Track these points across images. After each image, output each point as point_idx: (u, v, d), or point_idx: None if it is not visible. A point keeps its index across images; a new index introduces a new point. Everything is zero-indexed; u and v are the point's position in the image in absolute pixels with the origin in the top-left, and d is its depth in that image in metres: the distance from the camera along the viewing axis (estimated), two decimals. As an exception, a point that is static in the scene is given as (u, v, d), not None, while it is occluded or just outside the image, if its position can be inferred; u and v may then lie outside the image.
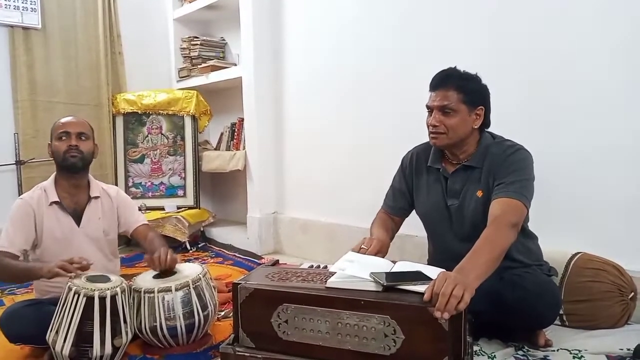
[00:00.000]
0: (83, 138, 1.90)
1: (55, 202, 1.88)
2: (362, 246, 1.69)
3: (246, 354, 1.49)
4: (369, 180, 2.82)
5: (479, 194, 1.69)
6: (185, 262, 1.91)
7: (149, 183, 3.73)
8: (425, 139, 1.79)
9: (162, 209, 3.59)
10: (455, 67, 1.73)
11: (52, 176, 1.95)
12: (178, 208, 3.64)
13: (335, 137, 3.04)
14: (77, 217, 1.92)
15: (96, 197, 1.96)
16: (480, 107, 1.70)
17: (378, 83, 2.77)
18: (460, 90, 1.66)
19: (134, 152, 3.72)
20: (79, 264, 1.64)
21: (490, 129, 1.79)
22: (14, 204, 1.88)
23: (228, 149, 3.76)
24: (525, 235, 1.73)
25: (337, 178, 3.05)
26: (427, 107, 1.73)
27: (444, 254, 1.79)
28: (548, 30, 2.10)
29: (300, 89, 3.26)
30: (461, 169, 1.75)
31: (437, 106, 1.68)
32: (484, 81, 1.74)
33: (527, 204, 1.59)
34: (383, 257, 1.66)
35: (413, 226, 1.99)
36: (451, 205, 1.75)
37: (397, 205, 1.93)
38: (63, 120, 1.93)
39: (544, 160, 1.77)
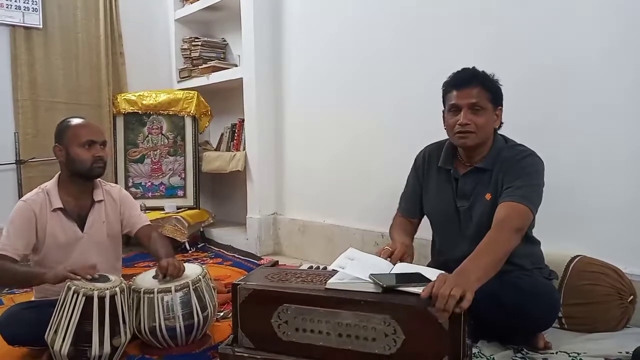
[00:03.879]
0: (103, 146, 1.86)
1: (59, 209, 1.83)
2: (386, 247, 1.68)
3: (245, 355, 1.48)
4: (368, 182, 2.83)
5: (488, 197, 1.68)
6: (184, 262, 1.90)
7: (149, 183, 3.73)
8: (423, 140, 1.78)
9: (162, 209, 3.58)
10: (473, 67, 1.71)
11: (56, 178, 1.88)
12: (178, 208, 3.64)
13: (335, 139, 3.04)
14: (81, 222, 1.87)
15: (100, 201, 1.92)
16: (500, 106, 1.70)
17: (378, 83, 2.77)
18: (487, 88, 1.65)
19: (134, 152, 3.72)
20: (92, 275, 1.63)
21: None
22: (15, 206, 1.82)
23: (228, 149, 3.76)
24: (528, 241, 1.71)
25: (337, 180, 3.05)
26: (453, 105, 1.68)
27: (449, 254, 1.77)
28: (548, 32, 2.10)
29: (301, 90, 3.26)
30: (472, 171, 1.73)
31: (468, 104, 1.64)
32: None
33: (533, 210, 1.57)
34: (410, 262, 1.65)
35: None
36: (461, 206, 1.74)
37: (413, 207, 1.90)
38: (80, 124, 1.85)
39: (544, 163, 1.77)
